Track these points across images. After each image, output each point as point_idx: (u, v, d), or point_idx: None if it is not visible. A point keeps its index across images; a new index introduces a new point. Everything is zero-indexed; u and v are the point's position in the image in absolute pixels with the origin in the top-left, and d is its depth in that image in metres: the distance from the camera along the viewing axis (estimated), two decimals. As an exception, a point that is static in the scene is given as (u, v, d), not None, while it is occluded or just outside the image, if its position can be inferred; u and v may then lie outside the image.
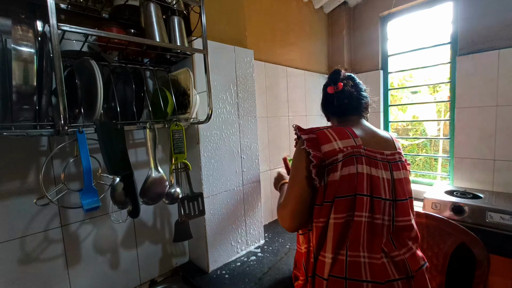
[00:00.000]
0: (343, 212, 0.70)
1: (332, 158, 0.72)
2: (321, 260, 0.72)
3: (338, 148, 0.73)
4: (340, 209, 0.70)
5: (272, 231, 1.55)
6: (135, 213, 0.87)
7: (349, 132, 0.77)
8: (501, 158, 1.58)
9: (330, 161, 0.72)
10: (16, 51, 0.65)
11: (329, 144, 0.74)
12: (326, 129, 0.79)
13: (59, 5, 0.81)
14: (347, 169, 0.71)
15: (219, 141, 1.19)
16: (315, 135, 0.77)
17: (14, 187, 0.82)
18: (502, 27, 1.54)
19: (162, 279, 1.18)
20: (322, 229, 0.73)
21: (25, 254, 0.84)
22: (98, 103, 0.77)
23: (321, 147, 0.74)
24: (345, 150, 0.73)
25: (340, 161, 0.72)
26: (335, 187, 0.71)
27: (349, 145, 0.74)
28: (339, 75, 0.90)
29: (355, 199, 0.70)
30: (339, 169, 0.71)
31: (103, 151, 0.80)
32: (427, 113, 4.48)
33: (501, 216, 1.29)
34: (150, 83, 1.13)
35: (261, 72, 1.59)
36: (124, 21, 0.96)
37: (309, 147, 0.75)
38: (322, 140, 0.75)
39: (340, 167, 0.72)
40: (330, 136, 0.76)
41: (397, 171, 0.77)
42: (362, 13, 2.17)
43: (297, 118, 1.90)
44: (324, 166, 0.73)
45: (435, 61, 1.87)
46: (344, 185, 0.71)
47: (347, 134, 0.77)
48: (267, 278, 1.09)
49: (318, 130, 0.79)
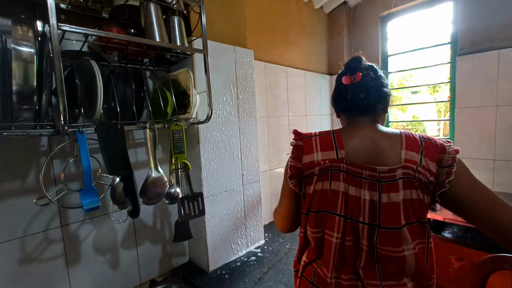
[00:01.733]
0: (315, 227, 0.68)
1: (309, 171, 0.68)
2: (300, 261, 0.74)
3: (316, 161, 0.68)
4: (312, 223, 0.69)
5: (272, 231, 1.55)
6: (135, 213, 0.87)
7: (336, 142, 0.69)
8: (501, 158, 1.58)
9: (307, 173, 0.68)
10: (16, 51, 0.65)
11: (310, 155, 0.69)
12: (316, 136, 0.72)
13: (59, 5, 0.81)
14: (320, 184, 0.67)
15: (219, 141, 1.19)
16: (302, 142, 0.72)
17: (14, 187, 0.82)
18: (502, 27, 1.54)
19: (162, 279, 1.18)
20: (302, 238, 0.73)
21: (25, 254, 0.84)
22: (98, 103, 0.77)
23: (302, 157, 0.70)
24: (322, 164, 0.67)
25: (315, 174, 0.67)
26: (309, 200, 0.69)
27: (328, 158, 0.67)
28: (359, 63, 0.76)
29: (326, 216, 0.66)
30: (313, 183, 0.68)
31: (103, 151, 0.80)
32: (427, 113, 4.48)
33: (501, 216, 1.29)
34: (150, 83, 1.13)
35: (261, 72, 1.59)
36: (124, 21, 0.96)
37: (293, 155, 0.71)
38: (306, 149, 0.70)
39: (314, 181, 0.68)
40: (314, 145, 0.70)
41: (391, 193, 0.61)
42: (362, 13, 2.17)
43: (297, 118, 1.90)
44: (303, 177, 0.69)
45: (435, 61, 1.87)
46: (315, 200, 0.68)
47: (331, 145, 0.69)
48: (267, 278, 1.09)
49: (307, 137, 0.72)
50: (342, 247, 0.65)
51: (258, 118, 1.55)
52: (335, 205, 0.65)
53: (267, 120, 1.64)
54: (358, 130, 0.71)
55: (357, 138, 0.69)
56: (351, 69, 0.75)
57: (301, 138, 0.72)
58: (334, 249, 0.65)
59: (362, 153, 0.67)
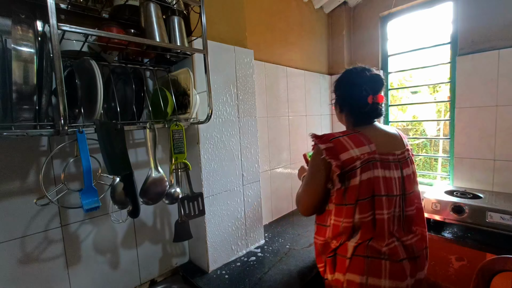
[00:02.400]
0: (366, 212, 0.82)
1: (350, 165, 0.81)
2: (345, 244, 0.85)
3: (355, 156, 0.81)
4: (364, 209, 0.82)
5: (272, 231, 1.55)
6: (135, 213, 0.87)
7: (364, 139, 0.84)
8: (501, 158, 1.58)
9: (349, 168, 0.81)
10: (16, 51, 0.65)
11: (347, 153, 0.81)
12: (342, 137, 0.85)
13: (59, 5, 0.81)
14: (365, 174, 0.81)
15: (219, 141, 1.19)
16: (332, 143, 0.83)
17: (14, 187, 0.82)
18: (502, 27, 1.55)
19: (162, 279, 1.18)
20: (348, 228, 0.84)
21: (25, 254, 0.84)
22: (98, 103, 0.77)
23: (339, 155, 0.81)
24: (362, 157, 0.81)
25: (358, 167, 0.81)
26: (356, 191, 0.81)
27: (365, 152, 0.82)
28: (382, 85, 0.92)
29: (374, 200, 0.82)
30: (358, 174, 0.81)
31: (103, 151, 0.80)
32: (427, 113, 4.48)
33: (501, 216, 1.29)
34: (150, 83, 1.13)
35: (261, 72, 1.59)
36: (124, 21, 0.96)
37: (329, 156, 0.82)
38: (340, 149, 0.82)
39: (359, 173, 0.80)
40: (347, 144, 0.83)
41: (406, 168, 0.88)
42: (362, 13, 2.17)
43: (297, 118, 1.90)
44: (344, 172, 0.81)
45: (435, 61, 1.87)
46: (363, 189, 0.81)
47: (362, 142, 0.84)
48: (267, 278, 1.09)
49: (334, 139, 0.85)
50: (388, 220, 0.83)
51: (258, 118, 1.55)
52: (379, 188, 0.82)
53: (267, 120, 1.64)
54: (374, 128, 0.92)
55: (376, 134, 0.89)
56: (376, 90, 0.91)
57: (328, 140, 0.85)
58: (384, 224, 0.83)
59: (384, 144, 0.87)
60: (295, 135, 1.88)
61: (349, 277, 0.82)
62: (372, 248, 0.81)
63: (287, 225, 1.62)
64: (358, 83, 0.92)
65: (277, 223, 1.67)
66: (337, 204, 0.85)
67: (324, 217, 0.91)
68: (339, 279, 0.85)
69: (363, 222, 0.82)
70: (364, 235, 0.82)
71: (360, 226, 0.83)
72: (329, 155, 0.82)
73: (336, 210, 0.85)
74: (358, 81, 0.92)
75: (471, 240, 1.32)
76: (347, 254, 0.84)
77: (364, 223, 0.82)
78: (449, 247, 1.37)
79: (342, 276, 0.84)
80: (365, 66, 0.96)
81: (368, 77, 0.92)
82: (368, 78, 0.92)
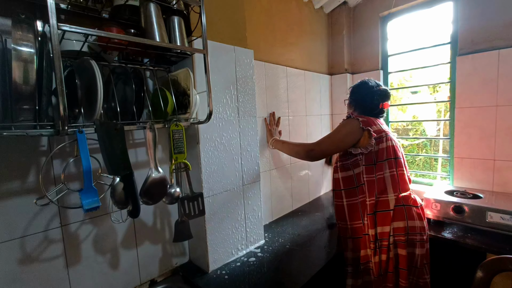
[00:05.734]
0: (392, 168, 1.20)
1: (379, 134, 1.21)
2: (384, 199, 1.18)
3: (381, 129, 1.23)
4: (390, 166, 1.20)
5: (272, 231, 1.55)
6: (135, 213, 0.87)
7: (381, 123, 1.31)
8: (501, 158, 1.58)
9: (378, 136, 1.20)
10: (16, 51, 0.65)
11: (376, 126, 1.23)
12: (367, 117, 1.26)
13: (59, 5, 0.81)
14: (389, 142, 1.22)
15: (219, 141, 1.19)
16: (365, 119, 1.24)
17: (14, 187, 0.82)
18: (502, 27, 1.55)
19: (162, 279, 1.18)
20: (381, 180, 1.19)
21: (25, 254, 0.84)
22: (98, 103, 0.77)
23: (371, 126, 1.21)
24: (384, 130, 1.23)
25: (384, 137, 1.21)
26: (384, 152, 1.20)
27: (384, 128, 1.25)
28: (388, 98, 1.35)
29: (396, 161, 1.22)
30: (384, 141, 1.21)
31: (103, 151, 0.80)
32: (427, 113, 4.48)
33: (501, 216, 1.29)
34: (150, 83, 1.13)
35: (261, 72, 1.59)
36: (124, 21, 0.96)
37: (365, 125, 1.20)
38: (371, 123, 1.23)
39: (384, 140, 1.21)
40: (374, 121, 1.25)
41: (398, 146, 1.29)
42: (362, 13, 2.17)
43: (297, 118, 1.90)
44: (375, 138, 1.19)
45: (435, 61, 1.87)
46: (390, 151, 1.21)
47: (382, 123, 1.29)
48: (267, 278, 1.09)
49: (366, 117, 1.26)
50: (404, 175, 1.24)
51: (258, 118, 1.55)
52: (397, 153, 1.24)
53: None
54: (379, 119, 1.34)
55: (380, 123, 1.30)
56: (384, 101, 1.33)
57: (362, 117, 1.25)
58: (405, 179, 1.24)
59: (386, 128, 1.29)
60: (295, 135, 1.88)
61: (394, 225, 1.14)
62: (404, 198, 1.17)
63: (287, 225, 1.62)
64: (372, 93, 1.32)
65: (277, 223, 1.67)
66: (367, 164, 1.19)
67: (351, 181, 1.23)
68: (384, 231, 1.16)
69: (391, 176, 1.19)
70: (395, 188, 1.18)
71: (390, 180, 1.18)
72: (365, 125, 1.20)
73: (367, 170, 1.19)
74: (372, 91, 1.33)
75: (471, 240, 1.32)
76: (390, 206, 1.16)
77: (392, 176, 1.19)
78: (449, 247, 1.37)
79: (387, 228, 1.15)
80: (377, 82, 1.38)
81: (379, 90, 1.32)
82: (379, 91, 1.32)
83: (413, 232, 1.13)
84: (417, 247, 1.14)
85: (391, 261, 1.15)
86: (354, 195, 1.23)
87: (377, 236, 1.17)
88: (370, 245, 1.19)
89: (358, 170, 1.21)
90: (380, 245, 1.17)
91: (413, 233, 1.13)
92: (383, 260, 1.16)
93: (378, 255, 1.17)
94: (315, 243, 1.37)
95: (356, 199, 1.22)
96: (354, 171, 1.22)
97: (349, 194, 1.24)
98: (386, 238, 1.15)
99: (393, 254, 1.15)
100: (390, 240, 1.15)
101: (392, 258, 1.15)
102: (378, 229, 1.17)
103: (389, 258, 1.15)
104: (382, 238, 1.16)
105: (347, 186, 1.24)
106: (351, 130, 1.21)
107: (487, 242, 1.28)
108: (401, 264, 1.13)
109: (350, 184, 1.23)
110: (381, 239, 1.16)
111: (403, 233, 1.13)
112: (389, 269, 1.15)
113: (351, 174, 1.23)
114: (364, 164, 1.19)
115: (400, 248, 1.14)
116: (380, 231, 1.17)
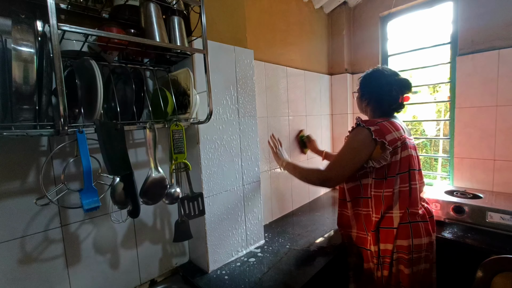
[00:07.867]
0: (406, 183, 1.07)
1: (394, 145, 1.03)
2: (388, 216, 1.07)
3: (397, 137, 1.04)
4: (403, 181, 1.06)
5: (272, 231, 1.55)
6: (135, 213, 0.87)
7: (398, 125, 1.09)
8: (501, 158, 1.58)
9: (393, 146, 1.03)
10: (16, 51, 0.65)
11: (391, 134, 1.04)
12: (384, 122, 1.07)
13: (59, 5, 0.81)
14: (404, 152, 1.06)
15: (219, 141, 1.19)
16: (378, 126, 1.04)
17: (14, 187, 0.82)
18: (502, 27, 1.55)
19: (162, 279, 1.18)
20: (389, 197, 1.06)
21: (25, 254, 0.84)
22: (98, 103, 0.77)
23: (385, 136, 1.02)
24: (401, 139, 1.05)
25: (399, 147, 1.04)
26: (397, 166, 1.05)
27: (401, 135, 1.06)
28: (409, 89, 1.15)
29: (410, 173, 1.07)
30: (399, 152, 1.05)
31: (103, 151, 0.80)
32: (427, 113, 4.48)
33: (501, 216, 1.29)
34: (150, 83, 1.13)
35: (261, 72, 1.59)
36: (124, 21, 0.96)
37: (378, 136, 1.02)
38: (385, 131, 1.04)
39: (400, 151, 1.05)
40: (389, 128, 1.06)
41: (417, 150, 1.15)
42: (362, 13, 2.17)
43: (297, 118, 1.90)
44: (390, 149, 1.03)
45: (435, 61, 1.87)
46: (404, 164, 1.06)
47: (398, 127, 1.08)
48: (267, 278, 1.09)
49: (379, 123, 1.06)
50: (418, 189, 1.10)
51: (258, 118, 1.55)
52: (413, 164, 1.09)
53: (267, 120, 1.64)
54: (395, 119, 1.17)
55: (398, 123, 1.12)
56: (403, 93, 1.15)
57: (374, 123, 1.06)
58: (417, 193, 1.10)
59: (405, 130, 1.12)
60: (295, 135, 1.88)
61: (398, 243, 1.05)
62: (412, 214, 1.07)
63: (287, 225, 1.62)
64: (389, 83, 1.13)
65: (277, 223, 1.67)
66: (377, 178, 1.07)
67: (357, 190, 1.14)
68: (386, 249, 1.07)
69: (402, 191, 1.06)
70: (403, 204, 1.06)
71: (399, 196, 1.06)
72: (378, 135, 1.02)
73: (376, 183, 1.07)
74: (389, 81, 1.13)
75: (471, 240, 1.32)
76: (393, 224, 1.05)
77: (402, 192, 1.06)
78: (449, 247, 1.37)
79: (390, 245, 1.06)
80: (393, 69, 1.18)
81: (398, 80, 1.13)
82: (398, 81, 1.13)
83: (418, 249, 1.06)
84: (422, 263, 1.08)
85: (394, 277, 1.09)
86: (359, 205, 1.16)
87: (379, 252, 1.10)
88: (373, 260, 1.14)
89: (366, 181, 1.11)
90: (382, 261, 1.11)
91: (418, 251, 1.06)
92: (385, 276, 1.11)
93: (381, 271, 1.12)
94: (315, 243, 1.37)
95: (361, 210, 1.15)
96: (361, 182, 1.13)
97: (356, 204, 1.17)
98: (389, 256, 1.08)
99: (395, 269, 1.09)
100: (393, 257, 1.08)
101: (394, 274, 1.09)
102: (381, 245, 1.09)
103: (392, 273, 1.10)
104: (385, 255, 1.09)
105: (353, 197, 1.16)
106: (363, 141, 1.04)
107: (487, 242, 1.28)
108: (403, 282, 1.07)
109: (356, 194, 1.16)
110: (384, 256, 1.09)
111: (406, 252, 1.05)
112: (392, 282, 1.10)
113: (358, 184, 1.14)
114: (374, 178, 1.08)
115: (403, 266, 1.07)
116: (383, 248, 1.09)
